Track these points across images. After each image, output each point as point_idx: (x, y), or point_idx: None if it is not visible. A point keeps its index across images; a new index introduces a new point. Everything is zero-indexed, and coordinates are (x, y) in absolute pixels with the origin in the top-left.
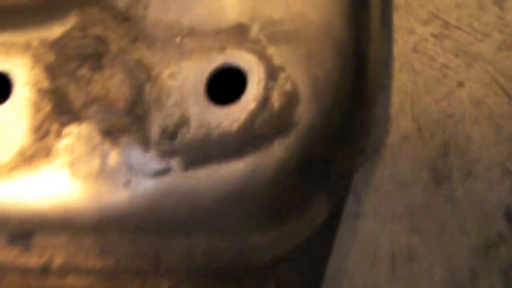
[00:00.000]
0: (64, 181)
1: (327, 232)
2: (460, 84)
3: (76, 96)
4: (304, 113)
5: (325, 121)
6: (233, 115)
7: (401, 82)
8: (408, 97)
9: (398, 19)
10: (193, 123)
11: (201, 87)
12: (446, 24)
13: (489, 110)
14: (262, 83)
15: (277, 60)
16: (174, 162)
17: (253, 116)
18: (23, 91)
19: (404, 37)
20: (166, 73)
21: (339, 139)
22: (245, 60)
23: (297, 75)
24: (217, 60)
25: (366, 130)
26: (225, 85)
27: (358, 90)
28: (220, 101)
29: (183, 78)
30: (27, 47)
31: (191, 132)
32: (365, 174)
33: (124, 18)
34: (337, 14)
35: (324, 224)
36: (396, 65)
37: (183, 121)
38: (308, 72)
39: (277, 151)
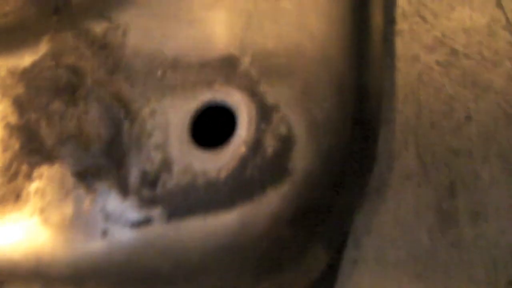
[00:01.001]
0: (36, 228)
1: (324, 281)
2: (468, 118)
3: (48, 134)
4: (300, 158)
5: (323, 167)
6: (221, 161)
7: (405, 115)
8: (412, 132)
9: (402, 46)
10: (176, 168)
11: (185, 127)
12: (453, 52)
13: (499, 146)
14: (254, 125)
15: (270, 98)
16: (156, 212)
17: (243, 162)
18: None
19: (408, 65)
20: (146, 110)
21: (338, 184)
22: (234, 98)
23: (293, 116)
24: (203, 97)
25: (368, 169)
26: (212, 123)
27: (359, 128)
28: (207, 143)
29: (165, 116)
30: None
31: (174, 178)
32: (366, 216)
33: (100, 45)
34: (336, 44)
35: (321, 273)
36: (400, 96)
37: (165, 166)
38: (305, 112)
39: (270, 201)
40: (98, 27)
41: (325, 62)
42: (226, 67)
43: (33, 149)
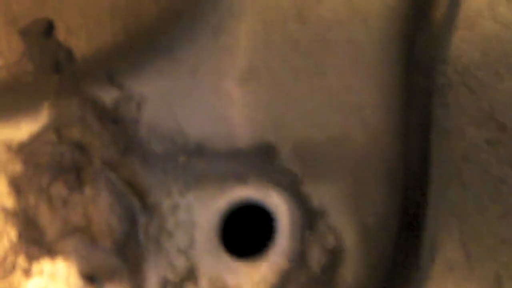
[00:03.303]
0: None
1: None
2: None
3: (49, 222)
4: (350, 273)
5: (373, 278)
6: (258, 275)
7: (449, 199)
8: (456, 218)
9: (446, 120)
10: (204, 279)
11: (214, 229)
12: (503, 128)
13: None
14: (297, 234)
15: (315, 201)
16: None
17: (284, 278)
18: None
19: (453, 142)
20: (167, 203)
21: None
22: (273, 198)
23: (342, 223)
24: (235, 194)
25: (411, 262)
26: (245, 224)
27: (404, 219)
28: (240, 249)
29: (190, 214)
30: None
31: None
32: None
33: (111, 119)
34: (389, 131)
35: None
36: (443, 178)
37: (190, 276)
38: (355, 217)
39: None
40: (107, 96)
41: (376, 153)
42: (262, 158)
43: (32, 240)
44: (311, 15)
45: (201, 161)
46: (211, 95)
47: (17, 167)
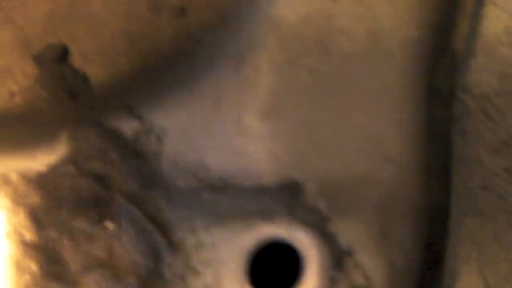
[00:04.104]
0: None
1: None
2: None
3: (72, 256)
4: None
5: None
6: None
7: (467, 227)
8: (475, 246)
9: (465, 147)
10: None
11: (242, 268)
12: None
13: None
14: (325, 273)
15: (343, 240)
16: None
17: None
18: (2, 243)
19: (471, 170)
20: (192, 241)
21: None
22: (300, 236)
23: (370, 262)
24: (262, 232)
25: None
26: (272, 260)
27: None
28: (266, 287)
29: (216, 252)
30: (5, 181)
31: None
32: None
33: (131, 151)
34: (413, 167)
35: None
36: (461, 206)
37: None
38: (383, 256)
39: None
40: (127, 127)
41: (401, 190)
42: (287, 195)
43: (54, 274)
44: (334, 48)
45: (226, 198)
46: (233, 129)
47: (36, 199)
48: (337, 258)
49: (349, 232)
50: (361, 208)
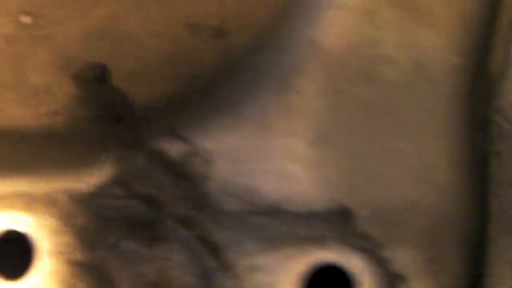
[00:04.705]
0: None
1: None
2: None
3: (121, 277)
4: None
5: None
6: None
7: (502, 247)
8: (509, 265)
9: (499, 169)
10: None
11: None
12: None
13: None
14: None
15: (396, 265)
16: None
17: None
18: (50, 262)
19: (506, 191)
20: (244, 264)
21: None
22: (353, 261)
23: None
24: (314, 257)
25: None
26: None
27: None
28: None
29: (269, 276)
30: (51, 201)
31: None
32: None
33: (179, 174)
34: (461, 195)
35: None
36: (497, 226)
37: None
38: (434, 282)
39: None
40: (173, 150)
41: (449, 216)
42: (339, 221)
43: None
44: (379, 76)
45: (276, 222)
46: (282, 155)
47: (83, 219)
48: (390, 283)
49: (401, 258)
50: (411, 234)
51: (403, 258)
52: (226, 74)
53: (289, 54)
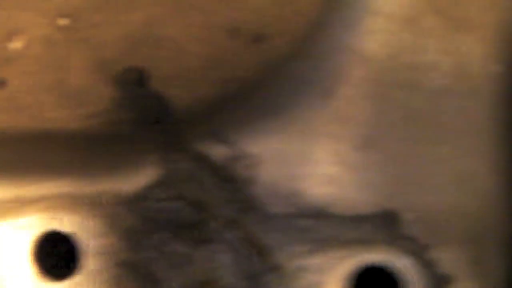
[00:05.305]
0: None
1: None
2: None
3: (167, 277)
4: None
5: None
6: None
7: None
8: None
9: None
10: None
11: None
12: None
13: None
14: None
15: (442, 267)
16: None
17: None
18: (94, 263)
19: None
20: (291, 265)
21: None
22: (401, 264)
23: None
24: (361, 258)
25: None
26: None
27: None
28: None
29: (317, 277)
30: (95, 203)
31: None
32: None
33: (224, 177)
34: (500, 199)
35: None
36: None
37: None
38: (479, 285)
39: None
40: (217, 153)
41: (491, 221)
42: (385, 224)
43: None
44: (422, 83)
45: (323, 225)
46: (326, 159)
47: (129, 221)
48: (436, 285)
49: (446, 259)
50: (456, 236)
51: (448, 260)
52: (267, 79)
53: (330, 61)
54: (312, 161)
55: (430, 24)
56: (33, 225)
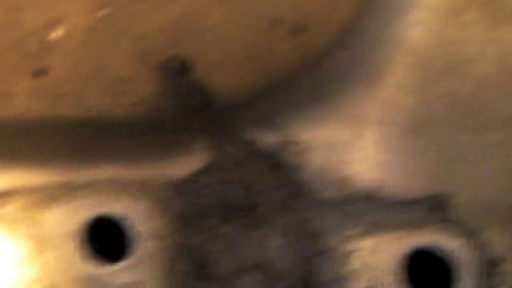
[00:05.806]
0: None
1: None
2: None
3: (220, 259)
4: None
5: None
6: None
7: None
8: None
9: None
10: None
11: (395, 276)
12: None
13: None
14: (478, 280)
15: (494, 249)
16: None
17: None
18: (148, 246)
19: None
20: (343, 248)
21: None
22: (452, 246)
23: None
24: (412, 241)
25: None
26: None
27: None
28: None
29: (367, 260)
30: (145, 188)
31: None
32: None
33: (273, 163)
34: None
35: None
36: None
37: None
38: None
39: None
40: (267, 139)
41: None
42: (436, 207)
43: (202, 276)
44: (467, 72)
45: (374, 209)
46: (376, 144)
47: (179, 205)
48: (488, 266)
49: (497, 242)
50: (505, 219)
51: (498, 242)
52: (313, 67)
53: (374, 51)
54: (361, 147)
55: (473, 15)
56: (84, 209)
